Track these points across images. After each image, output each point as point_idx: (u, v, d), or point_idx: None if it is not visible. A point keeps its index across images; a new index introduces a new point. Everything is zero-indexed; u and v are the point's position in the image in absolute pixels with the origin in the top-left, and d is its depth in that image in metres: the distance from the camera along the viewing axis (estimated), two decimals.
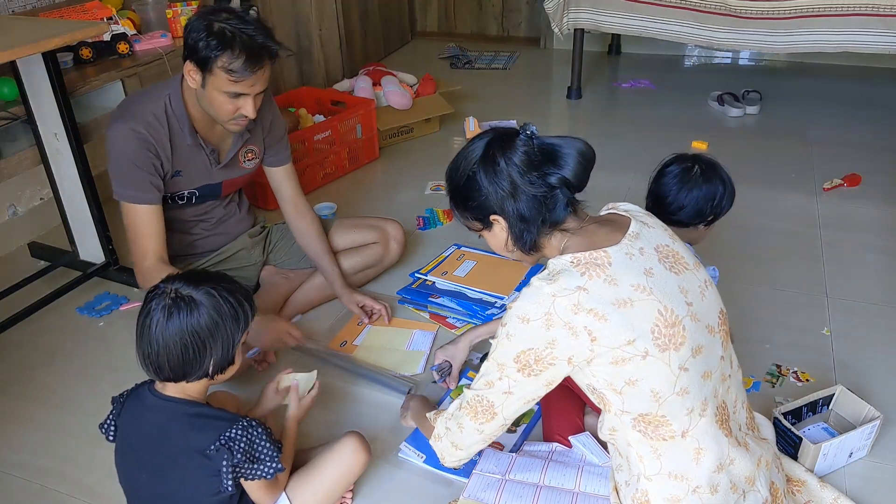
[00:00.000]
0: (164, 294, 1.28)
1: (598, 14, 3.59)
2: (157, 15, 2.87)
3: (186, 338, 1.27)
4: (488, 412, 1.30)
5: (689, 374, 1.18)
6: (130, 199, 1.84)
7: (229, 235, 2.13)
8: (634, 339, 1.15)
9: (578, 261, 1.19)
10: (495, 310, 2.09)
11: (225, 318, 1.29)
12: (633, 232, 1.24)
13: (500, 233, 1.32)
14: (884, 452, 1.64)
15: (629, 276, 1.17)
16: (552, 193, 1.25)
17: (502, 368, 1.25)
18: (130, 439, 1.37)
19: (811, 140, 3.27)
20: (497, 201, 1.27)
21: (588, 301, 1.15)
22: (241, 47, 1.67)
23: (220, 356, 1.31)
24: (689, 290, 1.22)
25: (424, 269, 2.27)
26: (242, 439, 1.28)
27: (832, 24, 3.19)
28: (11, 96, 2.19)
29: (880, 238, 2.51)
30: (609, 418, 1.25)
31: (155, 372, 1.31)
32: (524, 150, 1.25)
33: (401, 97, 3.37)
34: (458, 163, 1.33)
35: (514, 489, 1.47)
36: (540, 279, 1.21)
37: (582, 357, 1.18)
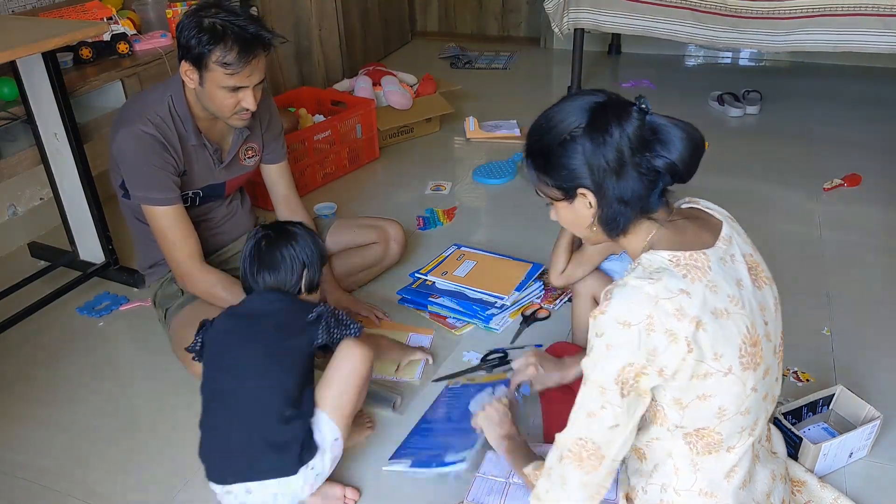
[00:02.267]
0: (263, 232, 1.64)
1: (599, 14, 3.59)
2: (157, 15, 2.87)
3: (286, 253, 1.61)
4: (594, 456, 1.13)
5: (756, 395, 1.14)
6: (157, 202, 1.82)
7: (231, 235, 2.13)
8: (723, 353, 1.08)
9: (678, 260, 1.10)
10: (495, 310, 2.09)
11: (310, 242, 1.65)
12: (726, 236, 1.16)
13: (582, 209, 1.16)
14: (884, 452, 1.64)
15: (726, 285, 1.10)
16: (655, 178, 1.12)
17: (604, 392, 1.10)
18: (225, 336, 1.56)
19: (811, 140, 3.27)
20: (596, 175, 1.11)
21: (691, 307, 1.06)
22: (234, 39, 1.68)
23: (310, 277, 1.65)
24: (766, 308, 1.17)
25: (424, 269, 2.27)
26: (329, 312, 1.57)
27: (832, 23, 3.18)
28: (11, 96, 2.19)
29: (880, 238, 2.51)
30: (655, 429, 1.17)
31: (265, 288, 1.61)
32: (638, 125, 1.10)
33: (401, 97, 3.37)
34: (554, 120, 1.15)
35: (517, 493, 1.47)
36: (638, 278, 1.08)
37: (672, 369, 1.08)
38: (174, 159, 1.84)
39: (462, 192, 2.94)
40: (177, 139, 1.84)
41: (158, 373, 1.98)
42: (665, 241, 1.14)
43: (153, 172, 1.80)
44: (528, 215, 2.73)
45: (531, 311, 2.14)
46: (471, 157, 3.24)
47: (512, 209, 2.80)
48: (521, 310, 2.15)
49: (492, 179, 2.99)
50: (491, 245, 2.41)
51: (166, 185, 1.82)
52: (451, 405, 1.79)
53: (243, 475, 1.45)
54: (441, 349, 2.03)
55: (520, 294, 2.14)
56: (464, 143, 3.38)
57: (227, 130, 1.96)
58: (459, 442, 1.63)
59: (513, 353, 2.00)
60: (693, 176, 1.14)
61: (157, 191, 1.82)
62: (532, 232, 2.58)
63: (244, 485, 1.45)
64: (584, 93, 1.15)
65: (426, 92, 3.54)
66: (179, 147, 1.85)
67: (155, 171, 1.80)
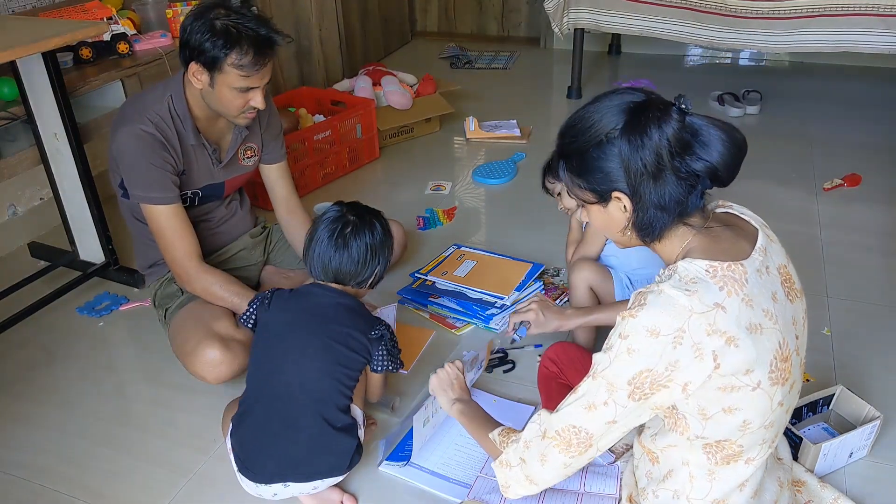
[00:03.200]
0: (345, 216, 1.58)
1: (599, 14, 3.59)
2: (157, 15, 2.88)
3: (367, 249, 1.56)
4: (583, 444, 1.14)
5: (781, 409, 1.12)
6: (156, 200, 1.82)
7: (230, 235, 2.13)
8: (754, 369, 1.05)
9: (715, 271, 1.06)
10: (495, 310, 2.09)
11: (387, 242, 1.62)
12: (762, 246, 1.12)
13: (616, 212, 1.12)
14: (884, 452, 1.64)
15: (762, 299, 1.07)
16: (694, 182, 1.08)
17: (612, 391, 1.08)
18: (296, 322, 1.54)
19: (811, 140, 3.27)
20: (633, 179, 1.07)
21: (724, 322, 1.03)
22: (248, 43, 1.69)
23: (381, 270, 1.61)
24: (797, 322, 1.14)
25: (424, 269, 2.27)
26: (389, 335, 1.55)
27: (832, 23, 3.18)
28: (11, 96, 2.19)
29: (880, 238, 2.51)
30: (674, 437, 1.14)
31: (333, 277, 1.57)
32: (678, 126, 1.05)
33: (401, 97, 3.36)
34: (589, 120, 1.10)
35: None
36: (674, 287, 1.04)
37: (698, 384, 1.05)
38: (173, 158, 1.83)
39: (462, 192, 2.94)
40: (176, 138, 1.83)
41: (158, 373, 1.98)
42: (701, 249, 1.10)
43: (152, 171, 1.80)
44: (528, 215, 2.73)
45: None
46: (471, 157, 3.24)
47: (512, 209, 2.80)
48: None
49: (492, 179, 2.99)
50: (491, 245, 2.41)
51: (165, 184, 1.82)
52: None
53: (296, 476, 1.46)
54: (441, 349, 2.03)
55: (520, 294, 2.14)
56: (464, 143, 3.38)
57: (225, 131, 1.95)
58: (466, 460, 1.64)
59: (513, 352, 2.00)
60: (734, 179, 1.09)
61: (156, 190, 1.82)
62: (532, 232, 2.58)
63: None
64: (621, 92, 1.11)
65: (426, 92, 3.54)
66: (179, 146, 1.85)
67: (154, 170, 1.80)
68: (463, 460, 1.65)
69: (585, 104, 1.13)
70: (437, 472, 1.62)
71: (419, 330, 2.11)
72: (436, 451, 1.68)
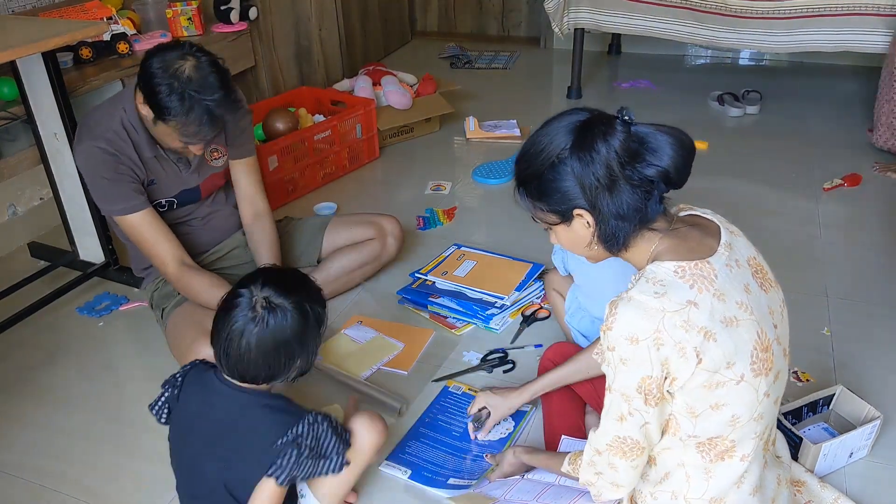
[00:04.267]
0: (255, 301, 1.28)
1: (599, 14, 3.59)
2: (157, 15, 2.88)
3: (279, 348, 1.29)
4: (635, 448, 1.16)
5: (768, 400, 1.13)
6: (120, 211, 1.83)
7: (220, 231, 2.10)
8: (735, 362, 1.07)
9: (683, 271, 1.08)
10: (495, 310, 2.09)
11: (312, 328, 1.31)
12: (726, 242, 1.14)
13: (580, 229, 1.16)
14: (884, 452, 1.64)
15: (734, 292, 1.09)
16: (650, 188, 1.11)
17: (628, 400, 1.11)
18: (194, 424, 1.37)
19: (811, 140, 3.27)
20: (589, 194, 1.11)
21: (699, 318, 1.05)
22: (198, 117, 1.65)
23: (304, 364, 1.34)
24: (774, 311, 1.16)
25: (424, 269, 2.27)
26: (309, 435, 1.28)
27: (832, 23, 3.19)
28: (11, 96, 2.19)
29: (880, 238, 2.51)
30: (668, 439, 1.16)
31: (241, 377, 1.32)
32: (624, 137, 1.09)
33: (401, 97, 3.36)
34: (539, 144, 1.14)
35: (526, 486, 1.47)
36: (642, 292, 1.07)
37: (683, 379, 1.07)
38: (132, 170, 1.82)
39: (462, 192, 2.94)
40: (134, 151, 1.82)
41: (158, 373, 1.96)
42: (669, 252, 1.12)
43: (107, 185, 1.80)
44: (527, 215, 2.72)
45: (531, 311, 2.14)
46: (471, 157, 3.24)
47: (512, 209, 2.77)
48: (521, 310, 2.15)
49: (492, 179, 2.99)
50: (491, 245, 2.41)
51: (125, 194, 1.81)
52: (453, 415, 1.79)
53: None
54: (441, 349, 2.03)
55: (520, 294, 2.14)
56: (464, 143, 3.38)
57: None
58: (467, 468, 1.63)
59: (513, 352, 2.00)
60: (687, 180, 1.12)
61: (118, 202, 1.82)
62: (532, 232, 2.57)
63: None
64: (565, 113, 1.15)
65: (426, 92, 3.54)
66: (138, 158, 1.83)
67: (108, 183, 1.80)
68: (462, 463, 1.65)
69: (535, 130, 1.17)
70: (437, 472, 1.62)
71: (419, 330, 2.11)
72: (436, 451, 1.69)
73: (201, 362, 1.43)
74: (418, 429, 1.75)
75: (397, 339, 2.06)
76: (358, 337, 2.07)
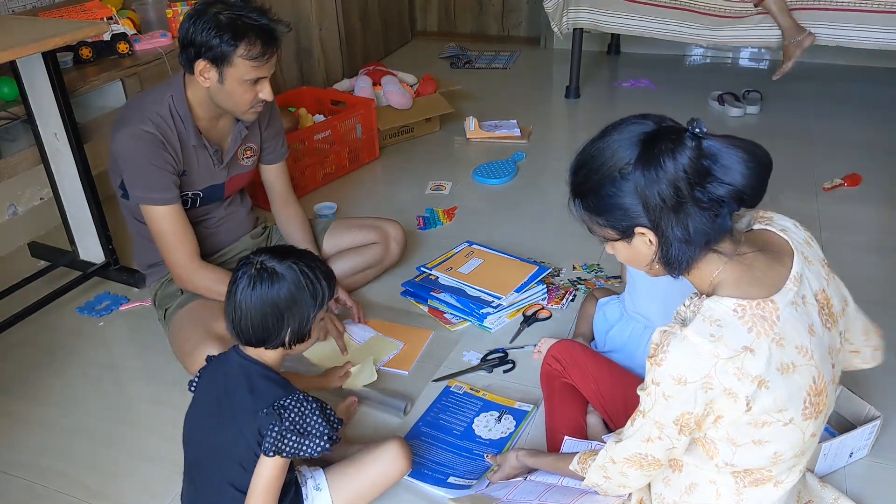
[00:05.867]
0: (251, 264, 1.35)
1: (598, 14, 3.59)
2: (157, 15, 2.88)
3: (266, 308, 1.33)
4: (654, 464, 1.15)
5: (814, 438, 1.11)
6: (156, 201, 1.83)
7: (231, 236, 2.13)
8: (787, 408, 1.04)
9: (743, 311, 1.02)
10: (490, 309, 2.09)
11: (303, 293, 1.34)
12: (797, 274, 1.07)
13: (642, 247, 1.08)
14: (884, 452, 1.64)
15: (795, 335, 1.04)
16: (720, 209, 1.02)
17: (661, 428, 1.09)
18: (205, 389, 1.43)
19: (811, 140, 3.27)
20: (653, 213, 1.02)
21: (754, 366, 1.01)
22: (255, 33, 1.72)
23: (295, 328, 1.36)
24: (834, 349, 1.11)
25: (430, 264, 2.27)
26: (295, 410, 1.30)
27: (828, 17, 3.19)
28: (11, 96, 2.19)
29: (880, 238, 2.51)
30: (702, 458, 1.13)
31: (237, 336, 1.37)
32: (693, 154, 1.00)
33: (401, 97, 3.37)
34: (600, 157, 1.06)
35: (528, 487, 1.47)
36: (698, 333, 1.02)
37: (729, 419, 1.05)
38: (173, 158, 1.83)
39: (462, 192, 2.94)
40: (177, 139, 1.84)
41: (158, 372, 1.98)
42: (731, 283, 1.06)
43: (153, 172, 1.80)
44: (528, 215, 2.73)
45: (532, 311, 2.14)
46: (471, 157, 3.24)
47: (512, 209, 2.80)
48: (521, 310, 2.15)
49: (492, 179, 2.99)
50: (491, 245, 2.41)
51: (165, 184, 1.82)
52: (454, 414, 1.79)
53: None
54: (441, 349, 2.03)
55: (518, 296, 2.14)
56: (464, 143, 3.38)
57: (226, 131, 1.96)
58: (467, 467, 1.64)
59: (512, 352, 2.00)
60: (762, 198, 1.04)
61: (157, 190, 1.82)
62: (532, 232, 2.59)
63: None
64: (628, 122, 1.06)
65: (426, 92, 3.54)
66: (179, 147, 1.85)
67: (154, 170, 1.80)
68: (462, 461, 1.65)
69: (594, 138, 1.09)
70: (437, 470, 1.62)
71: (418, 330, 2.11)
72: (437, 450, 1.69)
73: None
74: (419, 428, 1.75)
75: (397, 339, 2.06)
76: (358, 337, 2.07)
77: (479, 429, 1.74)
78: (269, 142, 2.08)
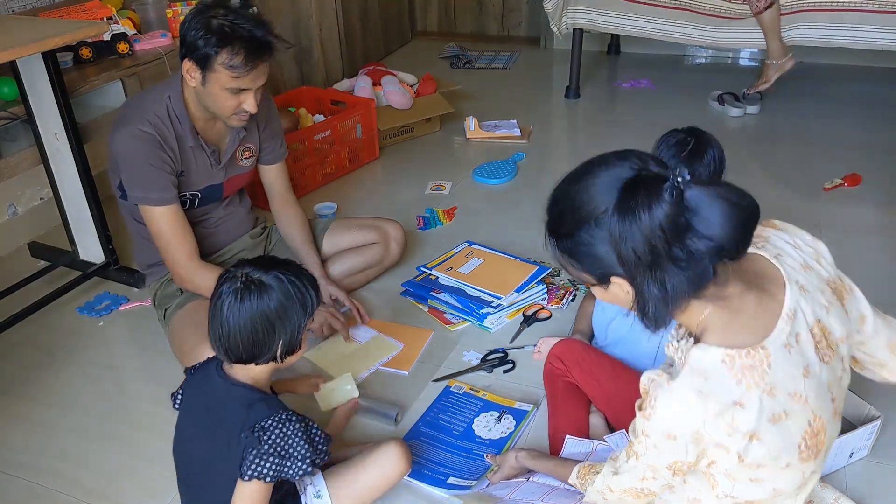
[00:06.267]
0: (236, 278, 1.29)
1: (597, 14, 3.59)
2: (157, 15, 2.87)
3: (256, 321, 1.28)
4: (650, 495, 1.16)
5: (815, 475, 1.10)
6: (155, 201, 1.83)
7: (230, 236, 2.13)
8: (781, 455, 1.02)
9: (732, 361, 0.98)
10: (490, 308, 2.09)
11: (293, 303, 1.30)
12: (790, 311, 1.02)
13: (620, 293, 1.03)
14: (884, 452, 1.64)
15: (787, 382, 1.00)
16: (700, 264, 0.95)
17: (655, 471, 1.09)
18: (190, 412, 1.40)
19: (811, 140, 3.27)
20: (628, 268, 0.97)
21: (745, 422, 0.98)
22: (241, 43, 1.69)
23: (287, 339, 1.32)
24: (834, 383, 1.06)
25: (431, 264, 2.27)
26: (275, 432, 1.26)
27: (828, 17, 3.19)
28: (11, 96, 2.19)
29: (880, 238, 2.51)
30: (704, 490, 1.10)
31: (226, 354, 1.32)
32: (670, 207, 0.92)
33: (401, 97, 3.37)
34: (577, 197, 0.99)
35: (531, 488, 1.47)
36: (687, 387, 0.99)
37: (724, 468, 1.03)
38: (171, 159, 1.84)
39: (462, 192, 2.94)
40: (174, 139, 1.84)
41: (158, 373, 1.98)
42: (719, 328, 1.01)
43: (151, 172, 1.80)
44: (528, 215, 2.73)
45: (532, 311, 2.14)
46: (471, 157, 3.24)
47: (512, 209, 2.80)
48: (521, 310, 2.15)
49: (492, 179, 2.99)
50: (491, 245, 2.41)
51: (163, 184, 1.82)
52: (454, 414, 1.79)
53: None
54: (440, 349, 2.03)
55: (519, 296, 2.14)
56: (464, 143, 3.38)
57: (224, 132, 1.96)
58: (467, 467, 1.64)
59: (513, 352, 2.00)
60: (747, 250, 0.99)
61: (155, 191, 1.82)
62: (532, 232, 2.58)
63: None
64: (611, 163, 0.99)
65: (426, 92, 3.54)
66: (177, 147, 1.85)
67: (152, 170, 1.80)
68: (462, 462, 1.65)
69: (572, 174, 1.03)
70: (437, 470, 1.62)
71: (418, 330, 2.11)
72: (437, 450, 1.69)
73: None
74: (419, 428, 1.75)
75: (397, 339, 2.06)
76: (358, 337, 2.07)
77: (479, 429, 1.74)
78: (268, 142, 2.08)
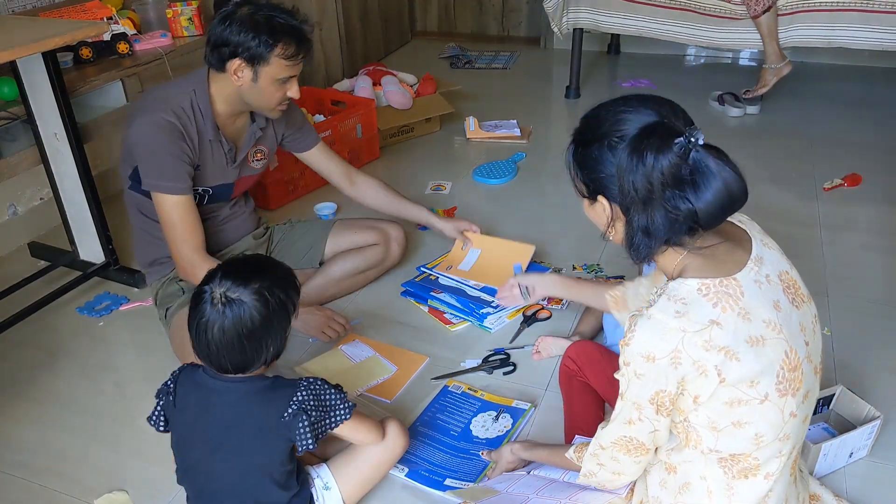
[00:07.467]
0: (214, 302, 1.29)
1: (597, 14, 3.59)
2: (157, 15, 2.88)
3: (243, 339, 1.30)
4: (640, 448, 1.17)
5: (795, 420, 1.11)
6: (170, 189, 1.83)
7: (233, 235, 2.13)
8: (759, 381, 1.05)
9: (707, 289, 1.05)
10: (490, 308, 2.09)
11: (276, 314, 1.32)
12: (757, 255, 1.11)
13: (600, 213, 1.14)
14: (884, 452, 1.64)
15: (761, 310, 1.06)
16: (678, 220, 1.06)
17: (639, 409, 1.12)
18: (196, 426, 1.38)
19: (811, 140, 3.27)
20: (623, 197, 1.08)
21: (721, 337, 1.03)
22: (290, 33, 1.76)
23: (275, 347, 1.35)
24: (806, 328, 1.12)
25: (430, 264, 2.27)
26: (310, 397, 1.33)
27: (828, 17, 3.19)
28: (11, 96, 2.19)
29: (880, 238, 2.51)
30: (689, 452, 1.14)
31: (217, 369, 1.35)
32: (677, 160, 1.02)
33: (401, 97, 3.37)
34: (606, 119, 1.10)
35: (531, 482, 1.47)
36: (662, 311, 1.06)
37: (706, 396, 1.06)
38: (191, 150, 1.85)
39: (462, 192, 2.94)
40: (195, 132, 1.86)
41: (158, 373, 1.96)
42: (695, 267, 1.09)
43: (170, 160, 1.81)
44: (528, 215, 2.73)
45: (532, 311, 2.14)
46: (471, 157, 3.24)
47: (512, 209, 2.80)
48: (522, 310, 2.15)
49: (492, 179, 2.99)
50: None
51: (180, 174, 1.83)
52: (451, 414, 1.79)
53: None
54: (441, 348, 2.03)
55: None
56: (464, 143, 3.38)
57: (242, 130, 1.98)
58: (464, 468, 1.63)
59: (514, 354, 2.00)
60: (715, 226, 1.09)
61: (172, 179, 1.83)
62: (532, 232, 2.58)
63: None
64: (647, 104, 1.09)
65: (426, 92, 3.54)
66: (197, 140, 1.87)
67: (172, 159, 1.82)
68: (459, 463, 1.65)
69: (615, 100, 1.13)
70: (434, 471, 1.62)
71: (414, 356, 2.00)
72: (434, 450, 1.69)
73: (189, 365, 1.43)
74: (417, 427, 1.75)
75: (391, 362, 1.98)
76: (353, 355, 2.02)
77: (477, 429, 1.74)
78: (294, 133, 2.14)
